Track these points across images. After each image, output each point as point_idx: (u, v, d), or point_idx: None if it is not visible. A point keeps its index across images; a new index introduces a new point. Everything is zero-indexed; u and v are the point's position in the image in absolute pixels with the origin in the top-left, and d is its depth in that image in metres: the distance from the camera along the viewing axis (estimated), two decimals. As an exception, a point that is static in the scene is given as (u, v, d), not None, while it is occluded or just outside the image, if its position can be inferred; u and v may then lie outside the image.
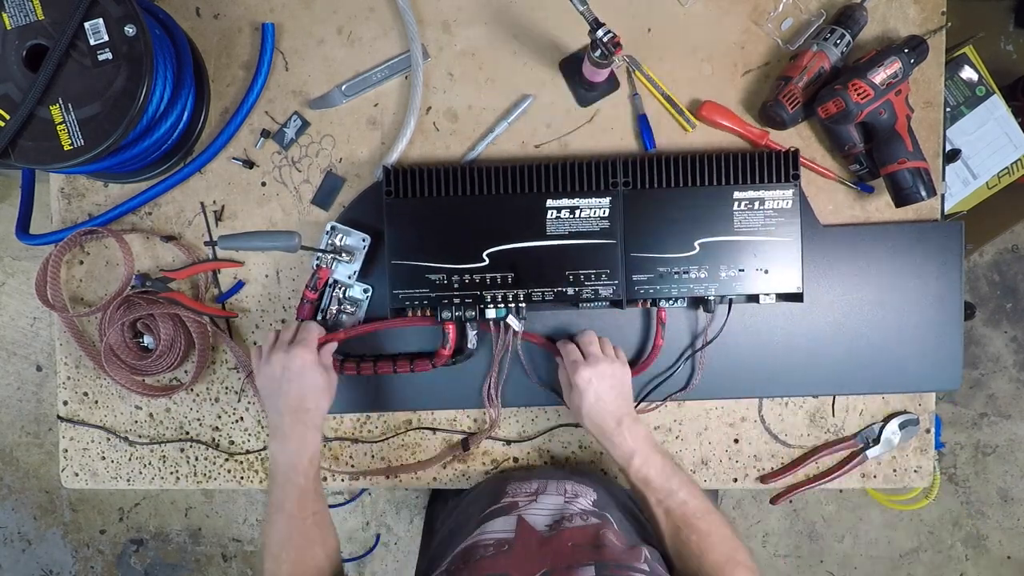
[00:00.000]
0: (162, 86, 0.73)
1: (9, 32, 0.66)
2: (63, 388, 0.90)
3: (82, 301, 0.89)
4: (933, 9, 0.82)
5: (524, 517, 0.66)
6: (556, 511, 0.68)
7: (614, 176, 0.77)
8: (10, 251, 1.93)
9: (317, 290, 0.80)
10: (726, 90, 0.83)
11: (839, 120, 0.76)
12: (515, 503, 0.71)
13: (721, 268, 0.77)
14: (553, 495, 0.72)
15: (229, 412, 0.89)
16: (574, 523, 0.65)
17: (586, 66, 0.77)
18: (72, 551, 2.02)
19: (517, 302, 0.78)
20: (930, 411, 0.87)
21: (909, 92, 0.78)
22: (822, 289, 0.83)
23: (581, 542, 0.62)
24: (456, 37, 0.84)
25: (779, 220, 0.77)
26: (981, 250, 1.79)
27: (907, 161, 0.76)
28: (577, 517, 0.67)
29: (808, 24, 0.81)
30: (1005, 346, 1.84)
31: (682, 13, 0.83)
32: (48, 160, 0.67)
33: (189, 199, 0.86)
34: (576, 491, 0.73)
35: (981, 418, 1.85)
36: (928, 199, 0.77)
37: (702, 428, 0.87)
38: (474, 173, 0.77)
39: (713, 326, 0.81)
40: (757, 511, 1.90)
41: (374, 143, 0.84)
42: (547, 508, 0.69)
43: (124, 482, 0.91)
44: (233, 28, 0.84)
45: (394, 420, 0.88)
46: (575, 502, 0.71)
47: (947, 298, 0.83)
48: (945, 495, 1.87)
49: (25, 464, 1.99)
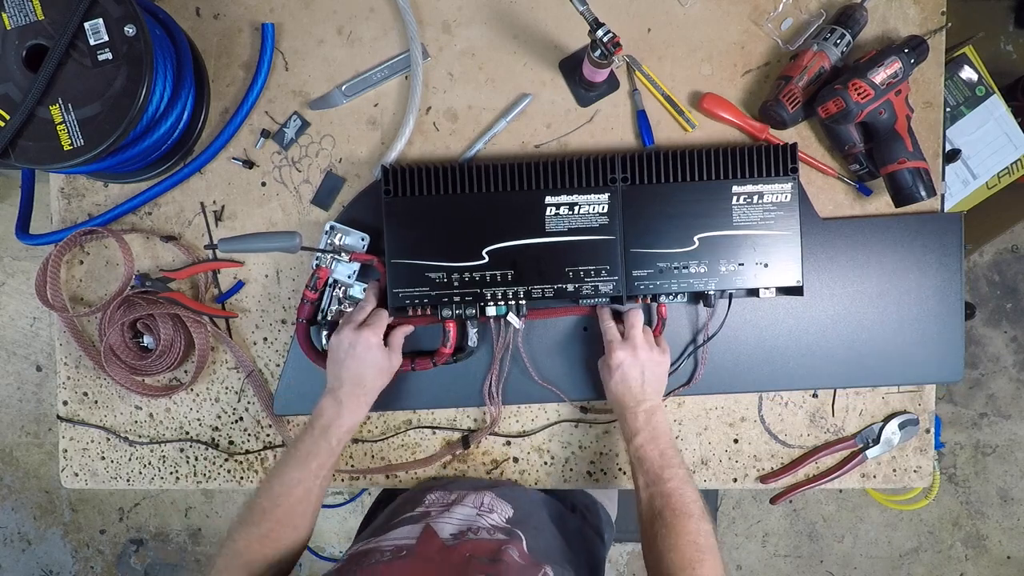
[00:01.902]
0: (162, 86, 0.73)
1: (9, 32, 0.66)
2: (63, 388, 0.90)
3: (82, 301, 0.89)
4: (933, 9, 0.82)
5: (431, 525, 0.67)
6: (464, 523, 0.69)
7: (612, 172, 0.77)
8: (10, 251, 1.93)
9: (317, 290, 0.80)
10: (726, 90, 0.83)
11: (839, 120, 0.76)
12: (428, 512, 0.72)
13: (721, 263, 0.77)
14: (467, 507, 0.73)
15: (229, 412, 0.89)
16: (479, 536, 0.66)
17: (586, 66, 0.77)
18: (72, 551, 2.02)
19: (517, 299, 0.78)
20: (930, 411, 0.87)
21: (909, 92, 0.78)
22: (822, 282, 0.83)
23: (479, 555, 0.62)
24: (456, 37, 0.84)
25: (778, 214, 0.77)
26: (981, 250, 1.79)
27: (907, 161, 0.76)
28: (484, 531, 0.67)
29: (808, 24, 0.81)
30: (1005, 346, 1.84)
31: (682, 13, 0.83)
32: (48, 160, 0.67)
33: (189, 199, 0.86)
34: (492, 505, 0.74)
35: (981, 418, 1.85)
36: (927, 199, 0.77)
37: (702, 428, 0.87)
38: (473, 171, 0.77)
39: (714, 321, 0.82)
40: (757, 511, 1.90)
41: (374, 143, 0.85)
42: (456, 519, 0.70)
43: (124, 482, 0.91)
44: (233, 28, 0.84)
45: (394, 419, 0.88)
46: (487, 516, 0.71)
47: (947, 290, 0.83)
48: (945, 495, 1.87)
49: (25, 464, 1.99)
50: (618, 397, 0.75)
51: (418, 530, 0.67)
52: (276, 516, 0.67)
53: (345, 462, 0.88)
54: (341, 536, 1.95)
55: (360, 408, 0.74)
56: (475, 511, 0.72)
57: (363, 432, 0.88)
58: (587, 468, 0.88)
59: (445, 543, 0.64)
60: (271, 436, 0.89)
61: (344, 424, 0.73)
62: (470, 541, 0.65)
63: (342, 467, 0.88)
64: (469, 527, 0.68)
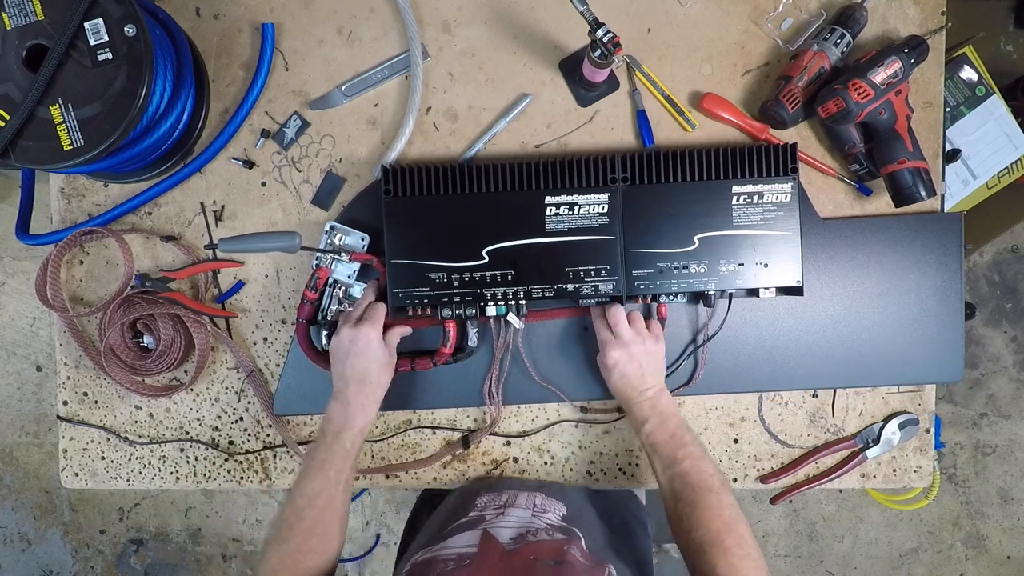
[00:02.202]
0: (162, 86, 0.73)
1: (9, 32, 0.66)
2: (63, 388, 0.90)
3: (82, 301, 0.89)
4: (933, 9, 0.82)
5: (489, 530, 0.67)
6: (521, 525, 0.69)
7: (612, 172, 0.77)
8: (10, 251, 1.93)
9: (317, 290, 0.80)
10: (726, 90, 0.83)
11: (839, 120, 0.76)
12: (482, 516, 0.71)
13: (721, 263, 0.77)
14: (521, 508, 0.72)
15: (229, 412, 0.89)
16: (539, 537, 0.65)
17: (586, 66, 0.77)
18: (72, 551, 2.02)
19: (517, 299, 0.78)
20: (930, 411, 0.87)
21: (909, 92, 0.78)
22: (822, 282, 0.83)
23: (543, 557, 0.61)
24: (456, 37, 0.84)
25: (778, 214, 0.77)
26: (981, 250, 1.79)
27: (907, 161, 0.76)
28: (542, 532, 0.67)
29: (808, 24, 0.81)
30: (1005, 346, 1.84)
31: (682, 13, 0.83)
32: (48, 160, 0.67)
33: (189, 199, 0.86)
34: (545, 505, 0.74)
35: (981, 418, 1.85)
36: (927, 199, 0.77)
37: (702, 428, 0.87)
38: (473, 171, 0.77)
39: (714, 321, 0.82)
40: (757, 511, 1.90)
41: (374, 143, 0.84)
42: (513, 521, 0.69)
43: (124, 482, 0.91)
44: (233, 28, 0.84)
45: (394, 419, 0.88)
46: (542, 516, 0.71)
47: (947, 290, 0.83)
48: (945, 495, 1.87)
49: (25, 464, 1.99)
50: (621, 392, 0.76)
51: (477, 536, 0.66)
52: (304, 529, 0.67)
53: (345, 462, 0.88)
54: (341, 536, 1.95)
55: (369, 406, 0.74)
56: (530, 512, 0.71)
57: (363, 432, 0.88)
58: (587, 468, 0.88)
59: (506, 548, 0.64)
60: (271, 436, 0.89)
61: (355, 425, 0.72)
62: (531, 544, 0.64)
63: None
64: (527, 529, 0.67)
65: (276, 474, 0.89)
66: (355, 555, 1.94)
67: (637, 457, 0.87)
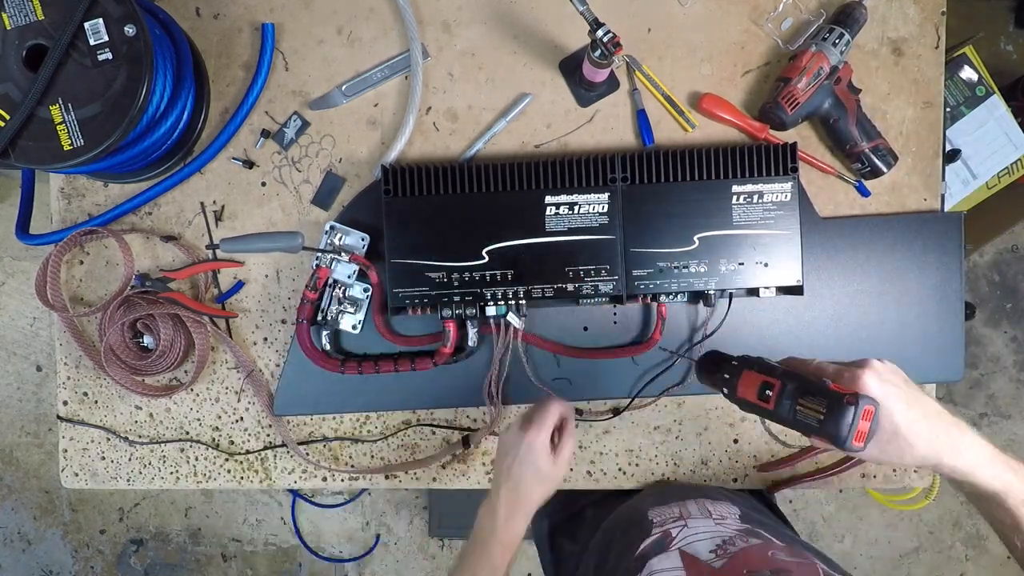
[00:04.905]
0: (162, 86, 0.73)
1: (9, 32, 0.66)
2: (63, 388, 0.90)
3: (82, 301, 0.89)
4: (933, 9, 0.82)
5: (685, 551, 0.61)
6: (712, 535, 0.63)
7: (612, 171, 0.77)
8: (10, 251, 1.93)
9: (317, 290, 0.80)
10: (726, 90, 0.83)
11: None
12: (667, 533, 0.65)
13: (721, 262, 0.77)
14: (700, 518, 0.67)
15: (229, 412, 0.89)
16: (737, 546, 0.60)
17: (586, 66, 0.77)
18: (72, 551, 2.02)
19: (517, 299, 0.78)
20: (930, 410, 0.87)
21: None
22: (822, 282, 0.83)
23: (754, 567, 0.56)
24: (456, 37, 0.84)
25: (778, 213, 0.77)
26: (981, 250, 1.79)
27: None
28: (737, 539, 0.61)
29: (808, 24, 0.81)
30: (1005, 346, 1.84)
31: (682, 13, 0.83)
32: (48, 160, 0.67)
33: (189, 199, 0.86)
34: (720, 511, 0.68)
35: (981, 418, 1.85)
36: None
37: (702, 428, 0.87)
38: (472, 171, 0.77)
39: (713, 320, 0.82)
40: (757, 511, 1.90)
41: (374, 143, 0.85)
42: (702, 534, 0.63)
43: (124, 482, 0.91)
44: (233, 28, 0.84)
45: (393, 419, 0.88)
46: (724, 522, 0.66)
47: (947, 290, 0.83)
48: (945, 495, 1.87)
49: (25, 464, 1.99)
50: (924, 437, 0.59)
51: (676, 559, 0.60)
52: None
53: (345, 462, 0.88)
54: (341, 536, 1.95)
55: (518, 520, 0.67)
56: (711, 520, 0.66)
57: (363, 432, 0.88)
58: (587, 468, 0.88)
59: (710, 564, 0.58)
60: (271, 436, 0.89)
61: (502, 539, 0.66)
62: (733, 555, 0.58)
63: (342, 467, 0.88)
64: (722, 539, 0.62)
65: (276, 474, 0.89)
66: (355, 555, 1.94)
67: (637, 457, 0.87)
